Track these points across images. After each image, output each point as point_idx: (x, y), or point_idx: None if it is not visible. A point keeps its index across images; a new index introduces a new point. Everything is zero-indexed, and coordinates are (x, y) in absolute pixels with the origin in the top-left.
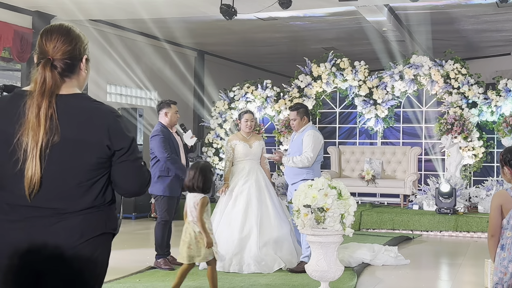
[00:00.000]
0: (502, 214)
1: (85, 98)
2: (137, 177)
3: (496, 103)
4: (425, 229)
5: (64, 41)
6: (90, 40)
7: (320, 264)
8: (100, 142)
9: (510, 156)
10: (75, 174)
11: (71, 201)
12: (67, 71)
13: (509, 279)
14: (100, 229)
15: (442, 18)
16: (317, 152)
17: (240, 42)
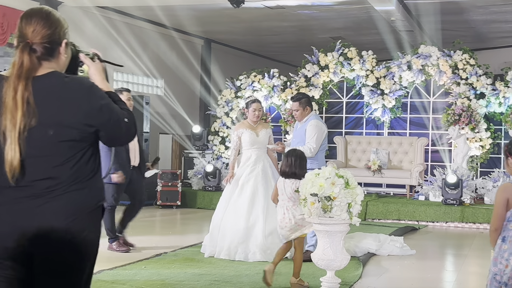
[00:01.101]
0: (507, 207)
1: (57, 75)
2: (126, 136)
3: (504, 94)
4: (431, 220)
5: (44, 25)
6: (98, 27)
7: (327, 253)
8: (78, 121)
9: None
10: (56, 154)
11: (54, 180)
12: (46, 54)
13: (510, 271)
14: (87, 206)
15: (451, 8)
16: (320, 142)
17: (247, 31)
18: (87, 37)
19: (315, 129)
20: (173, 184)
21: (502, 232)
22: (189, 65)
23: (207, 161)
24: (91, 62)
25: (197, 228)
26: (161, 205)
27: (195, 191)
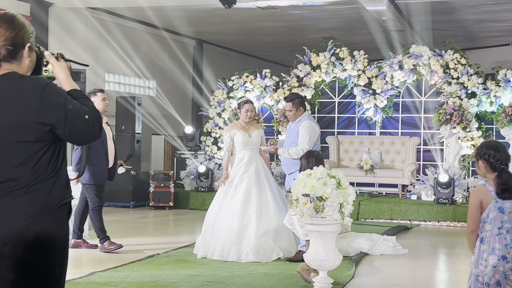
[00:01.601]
0: (481, 208)
1: (11, 76)
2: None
3: (495, 93)
4: (423, 219)
5: (7, 28)
6: (89, 28)
7: (319, 253)
8: (32, 121)
9: (486, 151)
10: (14, 155)
11: (13, 182)
12: (7, 56)
13: (490, 271)
14: (49, 205)
15: (442, 8)
16: (313, 143)
17: (239, 31)
18: (78, 38)
19: (308, 130)
20: (165, 185)
21: (480, 234)
22: (181, 66)
23: (200, 161)
24: (55, 61)
25: (190, 229)
26: (153, 206)
27: (188, 192)
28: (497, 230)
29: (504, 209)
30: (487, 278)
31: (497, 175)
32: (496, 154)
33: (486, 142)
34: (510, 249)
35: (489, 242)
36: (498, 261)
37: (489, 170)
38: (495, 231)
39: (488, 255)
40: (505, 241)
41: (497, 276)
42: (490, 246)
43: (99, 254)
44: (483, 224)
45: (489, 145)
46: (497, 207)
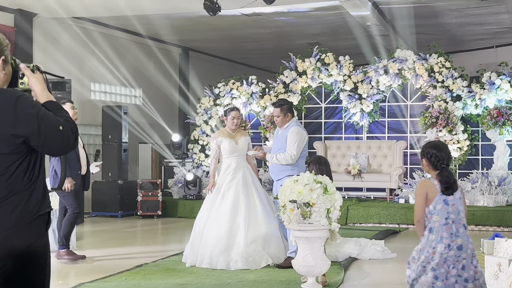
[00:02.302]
0: (427, 200)
1: None
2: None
3: (480, 96)
4: (411, 223)
5: None
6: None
7: (307, 259)
8: (4, 133)
9: (428, 150)
10: None
11: None
12: None
13: (438, 258)
14: (26, 216)
15: (425, 12)
16: (301, 149)
17: (224, 38)
18: (63, 48)
19: (296, 136)
20: (153, 193)
21: (428, 224)
22: (167, 74)
23: (187, 169)
24: (31, 73)
25: (179, 237)
26: (141, 215)
27: (176, 200)
28: (444, 220)
29: (448, 202)
30: (434, 264)
31: (438, 174)
32: (438, 154)
33: (430, 142)
34: (455, 238)
35: (438, 232)
36: (444, 249)
37: (431, 168)
38: (443, 221)
39: (437, 244)
40: (451, 230)
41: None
42: (439, 235)
43: (87, 265)
44: (431, 216)
45: (432, 145)
46: (442, 199)
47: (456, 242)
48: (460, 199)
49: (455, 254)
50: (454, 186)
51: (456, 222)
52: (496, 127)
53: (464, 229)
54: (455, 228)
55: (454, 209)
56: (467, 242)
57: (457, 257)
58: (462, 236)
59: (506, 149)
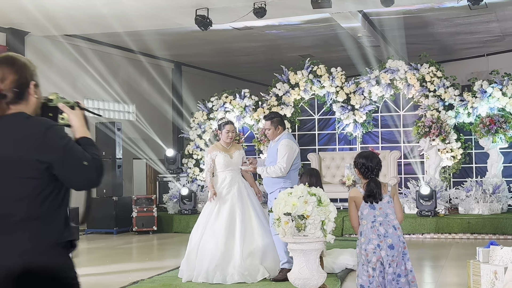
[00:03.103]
0: (357, 206)
1: (19, 116)
2: (84, 179)
3: (472, 104)
4: (406, 232)
5: (11, 71)
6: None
7: (303, 272)
8: (31, 157)
9: (358, 160)
10: (11, 190)
11: (9, 218)
12: (15, 98)
13: (372, 257)
14: (47, 242)
15: (415, 22)
16: (291, 161)
17: (216, 52)
18: (56, 66)
19: (286, 149)
20: (148, 209)
21: (360, 228)
22: (160, 89)
23: (182, 184)
24: (69, 110)
25: (174, 252)
26: (137, 231)
27: (171, 215)
28: (371, 223)
29: (375, 206)
30: (372, 264)
31: (366, 183)
32: (367, 164)
33: (361, 152)
34: (383, 238)
35: (366, 235)
36: (375, 248)
37: (361, 177)
38: (370, 225)
39: (367, 245)
40: (378, 232)
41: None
42: (367, 238)
43: (83, 282)
44: (360, 221)
45: (362, 155)
46: (367, 205)
47: (386, 242)
48: (388, 203)
49: (387, 254)
50: (377, 196)
51: (384, 224)
52: (489, 135)
53: (393, 230)
54: (384, 230)
55: (382, 212)
56: (397, 241)
57: (392, 257)
58: (391, 236)
59: (499, 157)
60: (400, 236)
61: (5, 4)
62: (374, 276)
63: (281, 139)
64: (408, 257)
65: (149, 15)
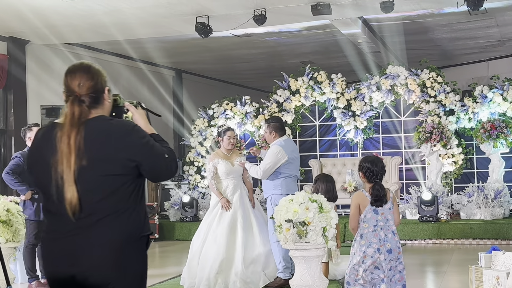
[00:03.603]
0: (360, 211)
1: (103, 119)
2: (166, 171)
3: (473, 109)
4: (408, 238)
5: (87, 78)
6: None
7: (304, 279)
8: (122, 158)
9: (363, 164)
10: (104, 186)
11: (102, 211)
12: (93, 103)
13: (368, 259)
14: (130, 236)
15: (415, 28)
16: (273, 168)
17: (217, 60)
18: (57, 74)
19: (270, 155)
20: (150, 217)
21: (359, 231)
22: (161, 97)
23: (184, 191)
24: (134, 109)
25: (176, 260)
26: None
27: (173, 223)
28: (372, 227)
29: (378, 211)
30: (366, 266)
31: (371, 187)
32: (372, 168)
33: (366, 156)
34: (383, 243)
35: (367, 238)
36: (374, 252)
37: (366, 181)
38: (371, 229)
39: (366, 248)
40: (379, 236)
41: (375, 264)
42: (368, 241)
43: None
44: (362, 223)
45: (367, 160)
46: (372, 209)
47: (385, 246)
48: (390, 209)
49: (385, 257)
50: (384, 199)
51: (384, 229)
52: (490, 140)
53: (392, 235)
54: (384, 234)
55: (383, 217)
56: (395, 247)
57: (389, 261)
58: (390, 241)
59: (500, 162)
60: (398, 242)
61: (6, 13)
62: (363, 277)
63: (273, 144)
64: (401, 261)
65: (149, 23)
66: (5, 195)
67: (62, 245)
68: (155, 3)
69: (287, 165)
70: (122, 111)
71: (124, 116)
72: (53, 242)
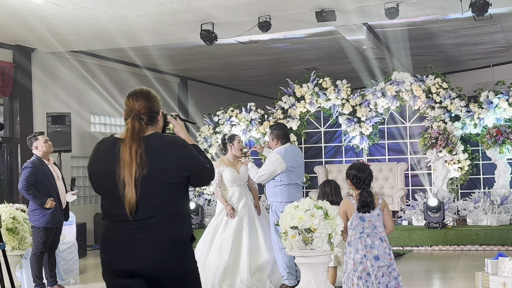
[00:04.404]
0: (347, 217)
1: (159, 136)
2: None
3: (478, 115)
4: (415, 245)
5: (146, 101)
6: (71, 71)
7: (310, 285)
8: (177, 169)
9: (350, 171)
10: (161, 193)
11: (157, 214)
12: (149, 121)
13: (359, 266)
14: (183, 237)
15: (420, 34)
16: (270, 175)
17: (222, 66)
18: (62, 82)
19: (267, 162)
20: None
21: (348, 238)
22: (166, 104)
23: None
24: (175, 121)
25: None
26: None
27: None
28: (359, 234)
29: (364, 218)
30: (358, 273)
31: (358, 193)
32: (358, 175)
33: (352, 164)
34: (369, 249)
35: (354, 245)
36: (361, 258)
37: (354, 188)
38: (357, 236)
39: (354, 255)
40: (365, 243)
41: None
42: (355, 248)
43: None
44: (349, 230)
45: (354, 167)
46: (358, 216)
47: (372, 253)
48: (378, 216)
49: (372, 264)
50: (371, 205)
51: (371, 235)
52: (496, 146)
53: (380, 242)
54: (371, 241)
55: (370, 224)
56: (383, 253)
57: (377, 267)
58: (377, 247)
59: (507, 168)
60: (386, 248)
61: (12, 21)
62: (359, 284)
63: (274, 152)
64: (394, 267)
65: (154, 30)
66: (11, 203)
67: (123, 244)
68: (160, 10)
69: (287, 173)
70: (165, 123)
71: (166, 128)
72: (114, 240)
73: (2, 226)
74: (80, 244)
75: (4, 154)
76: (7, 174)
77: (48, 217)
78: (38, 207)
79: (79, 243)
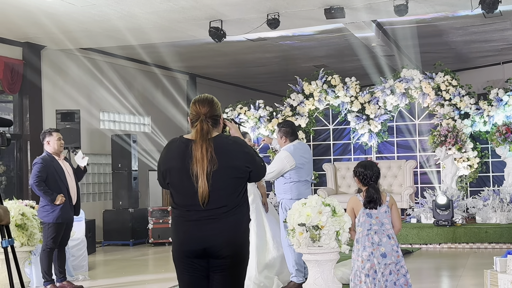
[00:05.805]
0: (354, 214)
1: (225, 137)
2: (263, 175)
3: (488, 113)
4: (424, 242)
5: (210, 106)
6: (81, 68)
7: (318, 283)
8: (242, 165)
9: (357, 169)
10: (229, 187)
11: (227, 206)
12: (213, 124)
13: (366, 263)
14: (245, 224)
15: (430, 31)
16: (277, 171)
17: (231, 64)
18: (71, 79)
19: (277, 159)
20: (164, 220)
21: (356, 235)
22: (175, 101)
23: None
24: (231, 124)
25: None
26: (153, 243)
27: None
28: (366, 231)
29: (372, 215)
30: (366, 270)
31: (365, 190)
32: (365, 172)
33: (360, 161)
34: (376, 246)
35: (361, 242)
36: (369, 255)
37: (361, 185)
38: (365, 233)
39: (362, 252)
40: (373, 240)
41: (374, 267)
42: (362, 245)
43: None
44: (357, 228)
45: (360, 165)
46: (365, 213)
47: (379, 250)
48: (386, 213)
49: (379, 261)
50: (378, 201)
51: (379, 232)
52: (506, 144)
53: (388, 239)
54: (378, 238)
55: (378, 221)
56: (390, 251)
57: (384, 265)
58: (385, 245)
59: None
60: (394, 245)
61: (22, 18)
62: (366, 282)
63: (282, 149)
64: (402, 264)
65: (163, 27)
66: (21, 199)
67: (196, 228)
68: (169, 8)
69: (296, 170)
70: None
71: (224, 130)
72: (188, 226)
73: (11, 222)
74: (89, 241)
75: (14, 151)
76: (16, 170)
77: (58, 213)
78: (49, 203)
79: (88, 239)
